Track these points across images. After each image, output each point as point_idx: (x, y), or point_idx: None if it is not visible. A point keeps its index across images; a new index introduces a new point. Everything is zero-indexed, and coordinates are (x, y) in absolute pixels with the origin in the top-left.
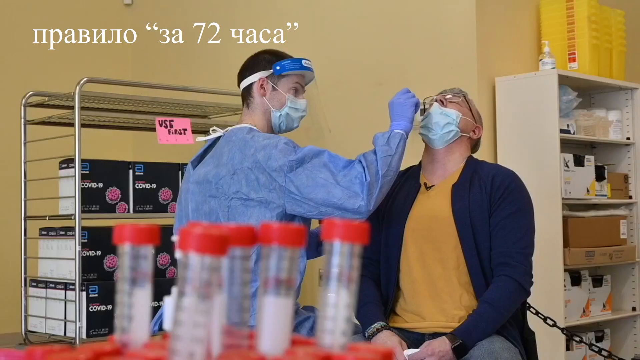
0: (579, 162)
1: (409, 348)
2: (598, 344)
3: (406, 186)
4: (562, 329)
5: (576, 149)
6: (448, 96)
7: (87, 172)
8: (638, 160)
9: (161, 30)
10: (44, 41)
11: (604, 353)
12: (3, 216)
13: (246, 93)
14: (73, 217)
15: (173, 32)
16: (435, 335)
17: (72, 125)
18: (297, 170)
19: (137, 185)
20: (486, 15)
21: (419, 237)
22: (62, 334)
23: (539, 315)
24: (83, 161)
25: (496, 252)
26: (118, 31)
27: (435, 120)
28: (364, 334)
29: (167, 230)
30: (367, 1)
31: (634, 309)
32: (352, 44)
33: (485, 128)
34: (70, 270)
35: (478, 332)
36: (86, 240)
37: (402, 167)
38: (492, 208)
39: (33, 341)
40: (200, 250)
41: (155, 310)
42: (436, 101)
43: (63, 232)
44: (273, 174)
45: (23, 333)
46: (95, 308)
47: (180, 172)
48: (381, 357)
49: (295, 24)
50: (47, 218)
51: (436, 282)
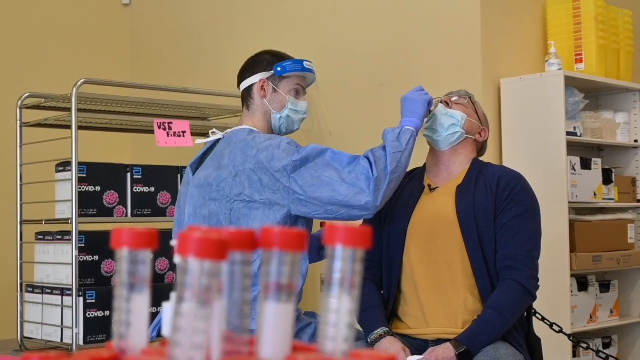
0: (586, 165)
1: (413, 354)
2: (605, 351)
3: (409, 187)
4: (569, 335)
5: (583, 152)
6: (453, 97)
7: (84, 175)
8: None
9: (160, 30)
10: (40, 41)
11: None
12: None
13: (246, 94)
14: (70, 221)
15: (172, 32)
16: (439, 341)
17: (69, 127)
18: (301, 169)
19: (135, 188)
20: (491, 15)
21: (422, 239)
22: (59, 340)
23: (545, 321)
24: (80, 164)
25: (501, 255)
26: (116, 31)
27: (439, 121)
28: (366, 340)
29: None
30: (370, 1)
31: None
32: (354, 44)
33: (490, 130)
34: (66, 275)
35: (482, 338)
36: (83, 244)
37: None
38: (498, 210)
39: (29, 347)
40: (199, 254)
41: (153, 316)
42: (441, 102)
43: (59, 237)
44: (276, 175)
45: (19, 339)
46: (92, 314)
47: (179, 175)
48: None
49: (296, 24)
50: (43, 222)
51: (439, 285)
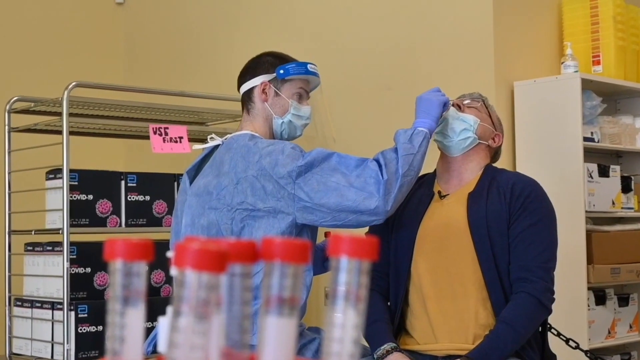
0: (604, 173)
1: None
2: None
3: (418, 194)
4: (586, 352)
5: (601, 159)
6: (466, 101)
7: (76, 184)
8: None
9: (156, 30)
10: (30, 42)
11: None
12: None
13: (247, 98)
14: (61, 232)
15: (168, 33)
16: (448, 357)
17: (60, 132)
18: (306, 175)
19: (130, 197)
20: (504, 15)
21: (431, 249)
22: (49, 357)
23: (561, 336)
24: (71, 171)
25: (515, 266)
26: (109, 32)
27: (451, 126)
28: (373, 356)
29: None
30: (377, 0)
31: None
32: (359, 45)
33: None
34: (57, 288)
35: (495, 355)
36: (75, 256)
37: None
38: (512, 218)
39: None
40: (197, 267)
41: (148, 331)
42: (453, 105)
43: (50, 248)
44: (281, 181)
45: (7, 356)
46: (84, 329)
47: (175, 184)
48: None
49: (299, 24)
50: (33, 232)
51: (449, 298)
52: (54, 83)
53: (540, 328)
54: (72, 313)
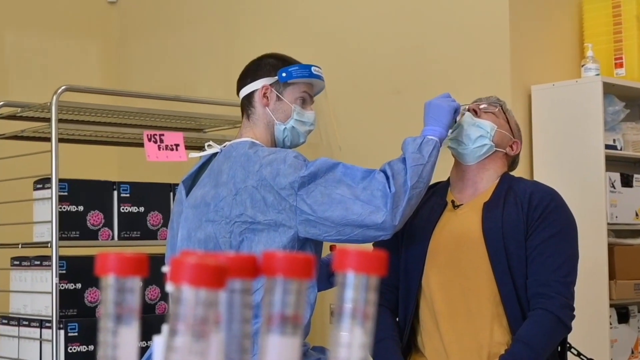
0: (627, 182)
1: None
2: None
3: (430, 203)
4: None
5: (624, 167)
6: (482, 105)
7: (66, 194)
8: None
9: (150, 30)
10: (16, 43)
11: None
12: None
13: (247, 102)
14: (49, 245)
15: (164, 33)
16: None
17: (49, 140)
18: (310, 186)
19: (123, 208)
20: (521, 14)
21: (443, 262)
22: None
23: (582, 356)
24: (61, 181)
25: (533, 281)
26: (101, 32)
27: (466, 132)
28: None
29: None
30: None
31: None
32: (366, 46)
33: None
34: (46, 305)
35: None
36: (64, 271)
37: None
38: (529, 230)
39: None
40: (194, 282)
41: (143, 351)
42: (468, 110)
43: (38, 262)
44: (282, 193)
45: None
46: (74, 348)
47: (171, 194)
48: None
49: (301, 24)
50: (20, 246)
51: (463, 314)
52: (42, 87)
53: (559, 347)
54: (62, 332)
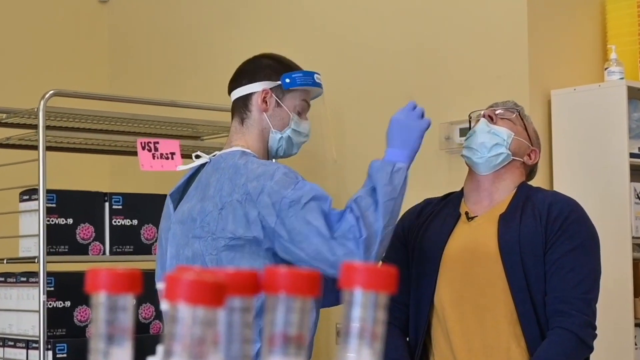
0: None
1: None
2: None
3: (443, 214)
4: None
5: None
6: (498, 111)
7: (54, 206)
8: None
9: (144, 32)
10: (2, 46)
11: None
12: None
13: (241, 105)
14: (37, 260)
15: (158, 35)
16: None
17: (36, 148)
18: (290, 211)
19: (115, 221)
20: (540, 15)
21: (457, 277)
22: None
23: None
24: (49, 192)
25: (552, 297)
26: (91, 34)
27: (481, 140)
28: None
29: (151, 275)
30: None
31: None
32: (376, 47)
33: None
34: (33, 325)
35: None
36: (52, 288)
37: (440, 194)
38: (548, 243)
39: None
40: (191, 300)
41: None
42: (484, 116)
43: (24, 279)
44: (263, 212)
45: None
46: None
47: None
48: None
49: (304, 23)
50: (5, 261)
51: (477, 333)
52: (29, 92)
53: None
54: (50, 353)
